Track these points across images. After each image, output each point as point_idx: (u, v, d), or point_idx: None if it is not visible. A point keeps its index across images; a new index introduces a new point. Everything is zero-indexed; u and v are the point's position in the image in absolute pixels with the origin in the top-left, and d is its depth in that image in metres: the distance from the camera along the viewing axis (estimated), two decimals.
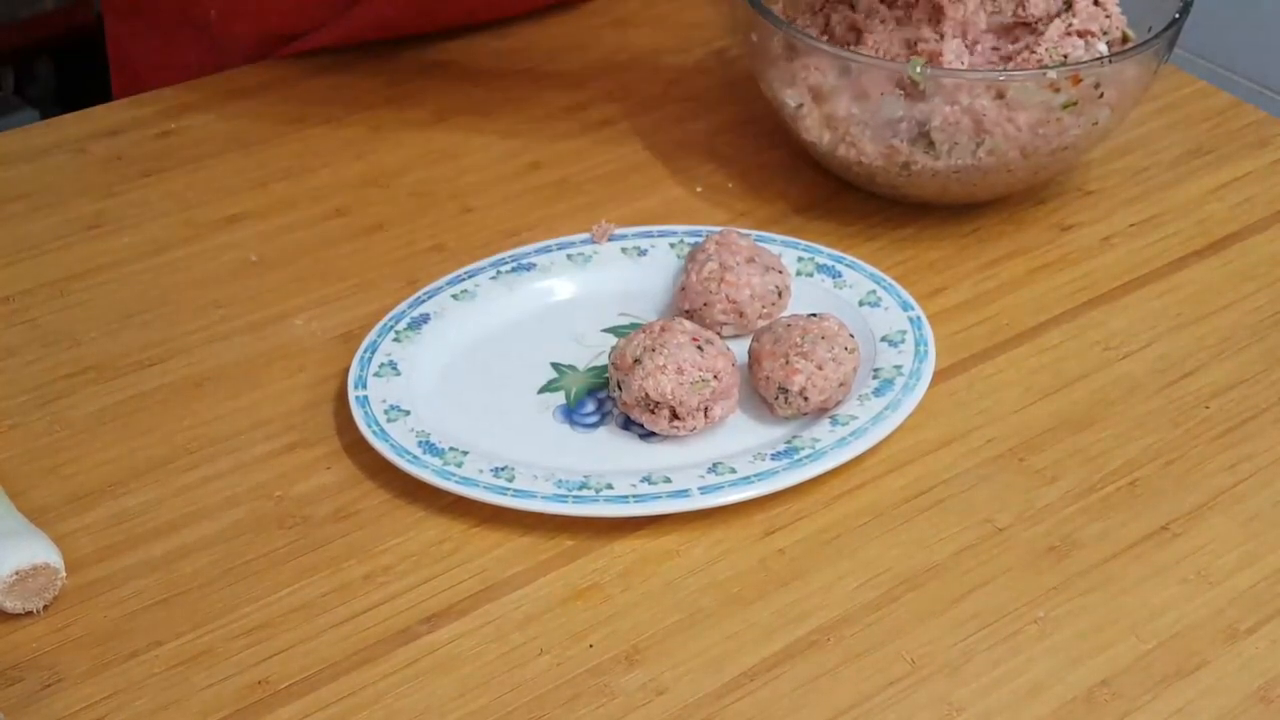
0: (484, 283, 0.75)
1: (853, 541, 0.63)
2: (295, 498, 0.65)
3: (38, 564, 0.59)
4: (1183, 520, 0.64)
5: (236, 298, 0.77)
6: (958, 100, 0.74)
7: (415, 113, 0.91)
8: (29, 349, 0.73)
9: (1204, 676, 0.58)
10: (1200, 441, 0.68)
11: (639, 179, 0.85)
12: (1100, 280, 0.78)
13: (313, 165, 0.87)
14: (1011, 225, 0.82)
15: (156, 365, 0.72)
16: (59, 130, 0.90)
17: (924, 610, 0.60)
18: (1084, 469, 0.67)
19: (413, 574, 0.62)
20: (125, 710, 0.56)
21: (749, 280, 0.72)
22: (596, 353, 0.72)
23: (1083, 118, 0.76)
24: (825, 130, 0.79)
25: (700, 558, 0.63)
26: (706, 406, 0.66)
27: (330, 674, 0.58)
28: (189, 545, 0.63)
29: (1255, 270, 0.79)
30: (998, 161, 0.77)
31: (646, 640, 0.59)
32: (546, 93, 0.93)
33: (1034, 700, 0.57)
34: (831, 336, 0.67)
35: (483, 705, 0.57)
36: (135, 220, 0.82)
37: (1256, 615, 0.60)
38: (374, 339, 0.71)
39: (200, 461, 0.67)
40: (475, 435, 0.67)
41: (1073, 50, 0.78)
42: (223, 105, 0.92)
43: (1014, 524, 0.64)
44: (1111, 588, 0.61)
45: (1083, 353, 0.73)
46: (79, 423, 0.69)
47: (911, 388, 0.68)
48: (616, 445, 0.67)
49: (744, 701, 0.57)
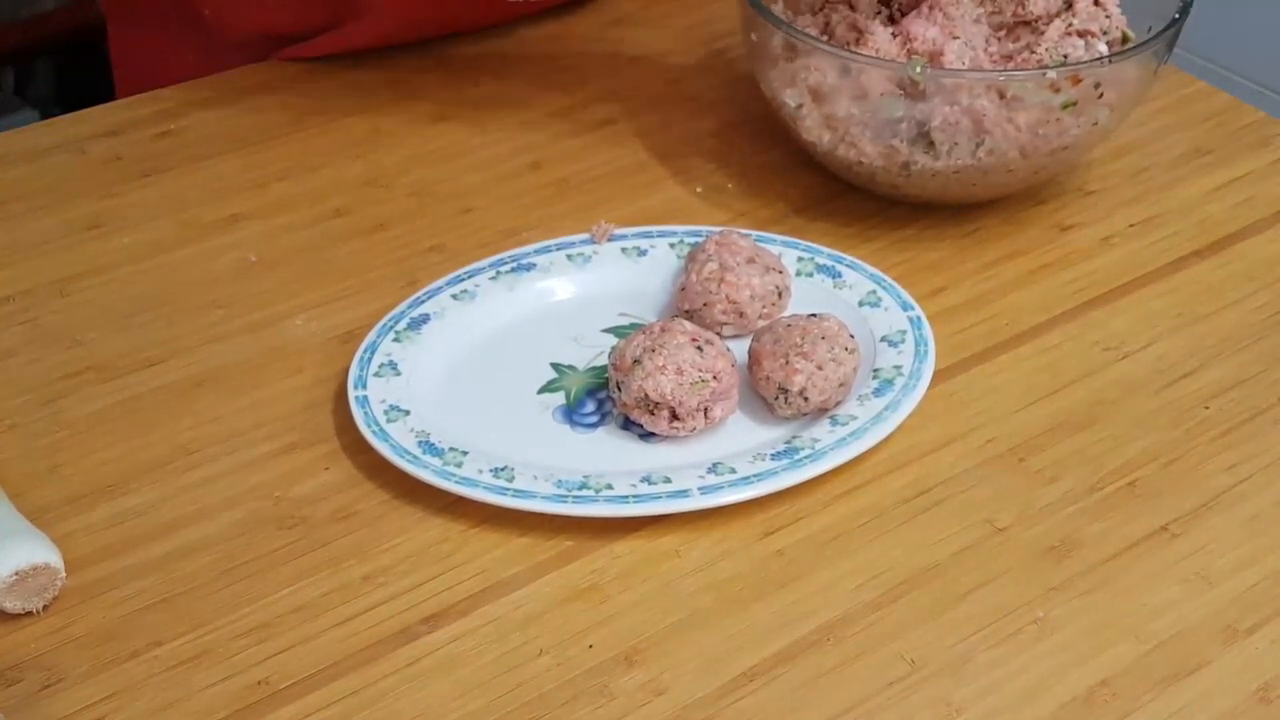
0: (484, 283, 0.75)
1: (853, 541, 0.63)
2: (295, 498, 0.65)
3: (37, 564, 0.59)
4: (1183, 520, 0.64)
5: (236, 298, 0.77)
6: (958, 100, 0.74)
7: (415, 113, 0.91)
8: (29, 349, 0.73)
9: (1204, 676, 0.58)
10: (1200, 441, 0.68)
11: (639, 179, 0.85)
12: (1100, 280, 0.78)
13: (313, 165, 0.87)
14: (1011, 225, 0.82)
15: (156, 365, 0.72)
16: (59, 130, 0.90)
17: (924, 610, 0.60)
18: (1084, 469, 0.67)
19: (413, 574, 0.62)
20: (125, 710, 0.56)
21: (749, 281, 0.72)
22: (596, 353, 0.72)
23: (1083, 118, 0.76)
24: (825, 130, 0.79)
25: (700, 558, 0.63)
26: (706, 407, 0.66)
27: (330, 674, 0.58)
28: (189, 545, 0.63)
29: (1255, 270, 0.79)
30: (998, 161, 0.77)
31: (646, 640, 0.59)
32: (546, 93, 0.93)
33: (1034, 700, 0.57)
34: (831, 337, 0.67)
35: (482, 705, 0.57)
36: (135, 220, 0.82)
37: (1256, 615, 0.60)
38: (374, 339, 0.71)
39: (200, 461, 0.67)
40: (475, 435, 0.67)
41: (1073, 50, 0.78)
42: (223, 105, 0.92)
43: (1014, 524, 0.64)
44: (1111, 588, 0.61)
45: (1083, 353, 0.73)
46: (79, 423, 0.69)
47: (911, 388, 0.68)
48: (616, 445, 0.67)
49: (744, 702, 0.57)
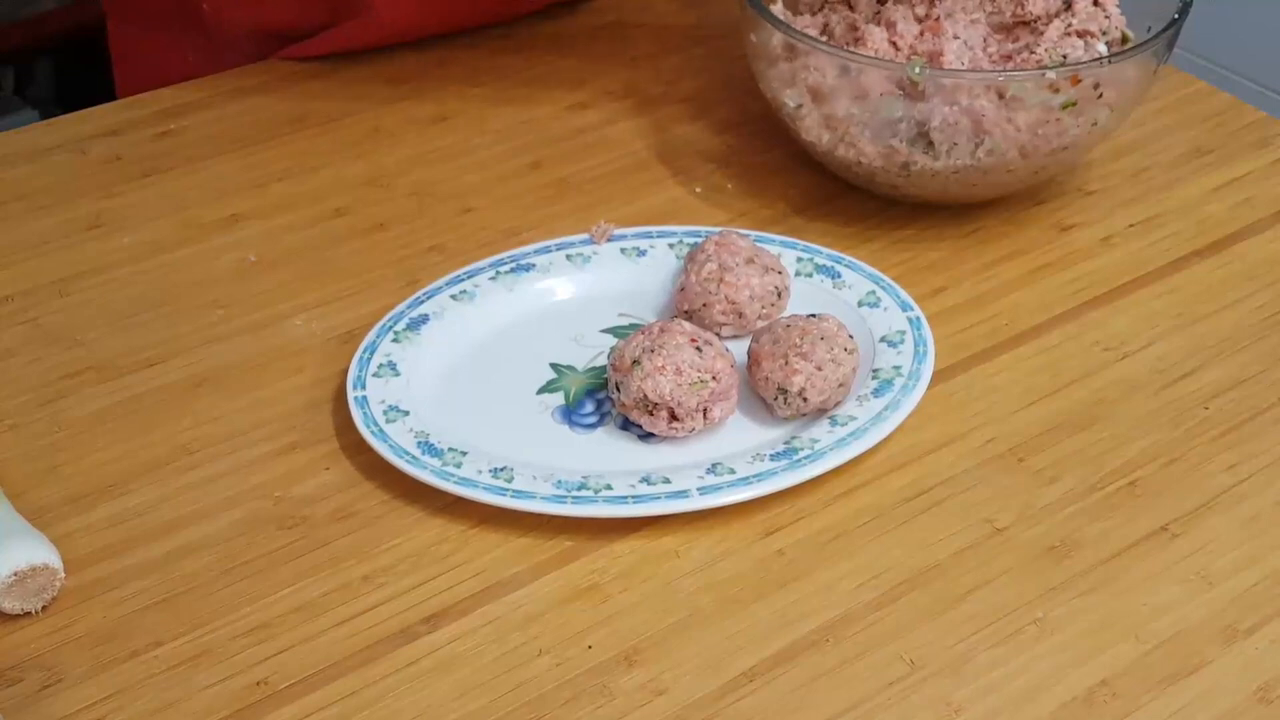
0: (483, 283, 0.75)
1: (853, 541, 0.63)
2: (295, 498, 0.65)
3: (37, 564, 0.59)
4: (1183, 520, 0.64)
5: (236, 298, 0.77)
6: (957, 100, 0.74)
7: (415, 113, 0.91)
8: (29, 349, 0.73)
9: (1204, 676, 0.58)
10: (1200, 441, 0.68)
11: (639, 179, 0.85)
12: (1100, 280, 0.78)
13: (313, 165, 0.87)
14: (1011, 225, 0.82)
15: (156, 365, 0.72)
16: (59, 130, 0.90)
17: (924, 610, 0.60)
18: (1084, 469, 0.67)
19: (413, 574, 0.62)
20: (125, 710, 0.56)
21: (748, 281, 0.72)
22: (596, 353, 0.72)
23: (1082, 118, 0.76)
24: (825, 130, 0.79)
25: (700, 558, 0.63)
26: (705, 407, 0.66)
27: (330, 674, 0.58)
28: (189, 545, 0.63)
29: (1255, 270, 0.79)
30: (997, 161, 0.77)
31: (646, 640, 0.59)
32: (546, 93, 0.93)
33: (1034, 700, 0.57)
34: (831, 337, 0.67)
35: (482, 705, 0.57)
36: (135, 220, 0.82)
37: (1256, 615, 0.60)
38: (373, 339, 0.71)
39: (200, 461, 0.67)
40: (474, 436, 0.67)
41: (1072, 50, 0.78)
42: (222, 105, 0.92)
43: (1014, 524, 0.64)
44: (1111, 588, 0.61)
45: (1083, 353, 0.73)
46: (79, 423, 0.69)
47: (911, 388, 0.68)
48: (615, 446, 0.67)
49: (744, 702, 0.57)
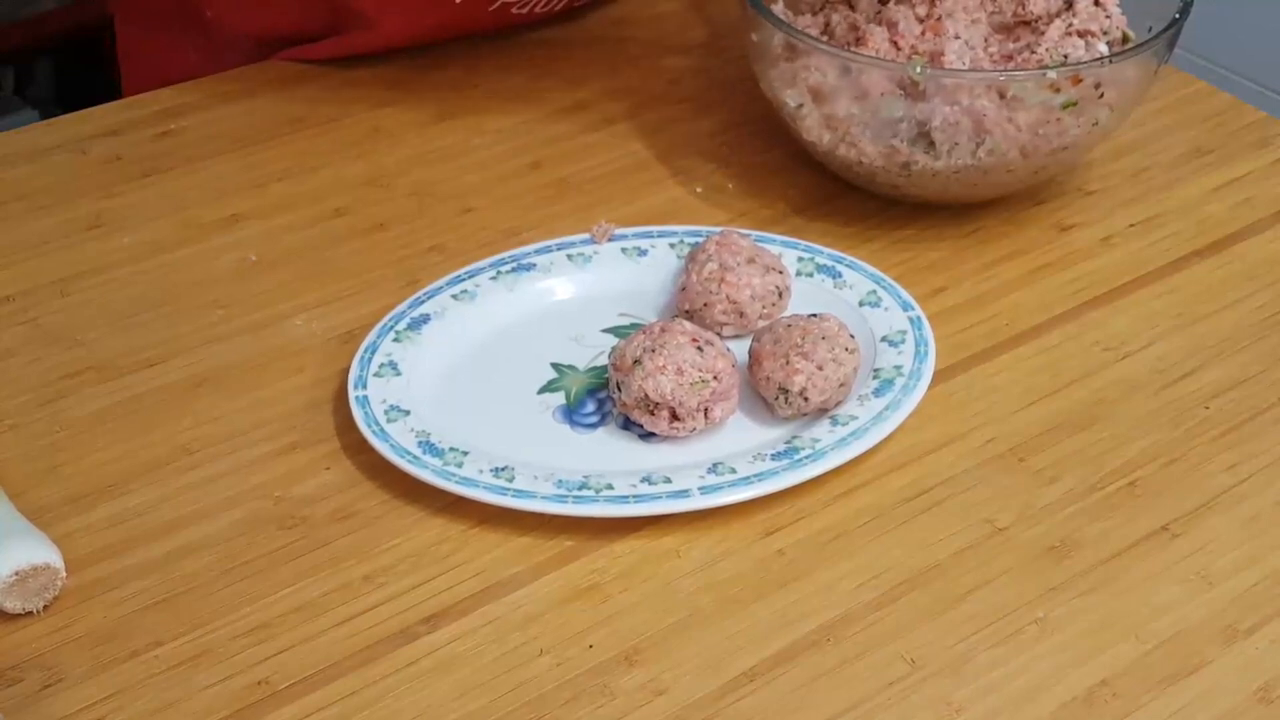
0: (484, 283, 0.75)
1: (853, 541, 0.63)
2: (295, 498, 0.65)
3: (37, 564, 0.59)
4: (1183, 520, 0.64)
5: (236, 298, 0.77)
6: (958, 100, 0.74)
7: (415, 113, 0.91)
8: (29, 349, 0.73)
9: (1204, 676, 0.58)
10: (1200, 441, 0.68)
11: (639, 179, 0.85)
12: (1100, 280, 0.78)
13: (313, 165, 0.87)
14: (1011, 225, 0.82)
15: (156, 365, 0.72)
16: (59, 130, 0.90)
17: (924, 610, 0.60)
18: (1084, 469, 0.67)
19: (413, 574, 0.62)
20: (125, 710, 0.56)
21: (749, 281, 0.72)
22: (596, 353, 0.72)
23: (1083, 118, 0.76)
24: (825, 130, 0.79)
25: (700, 558, 0.63)
26: (706, 407, 0.66)
27: (330, 674, 0.58)
28: (189, 545, 0.63)
29: (1255, 270, 0.79)
30: (998, 161, 0.77)
31: (646, 640, 0.59)
32: (546, 93, 0.93)
33: (1034, 700, 0.57)
34: (832, 337, 0.67)
35: (483, 705, 0.57)
36: (135, 220, 0.82)
37: (1256, 615, 0.60)
38: (374, 339, 0.71)
39: (200, 461, 0.67)
40: (475, 435, 0.67)
41: (1073, 50, 0.78)
42: (223, 105, 0.92)
43: (1014, 524, 0.64)
44: (1111, 588, 0.61)
45: (1083, 353, 0.73)
46: (79, 423, 0.69)
47: (911, 388, 0.68)
48: (616, 445, 0.67)
49: (744, 702, 0.57)
